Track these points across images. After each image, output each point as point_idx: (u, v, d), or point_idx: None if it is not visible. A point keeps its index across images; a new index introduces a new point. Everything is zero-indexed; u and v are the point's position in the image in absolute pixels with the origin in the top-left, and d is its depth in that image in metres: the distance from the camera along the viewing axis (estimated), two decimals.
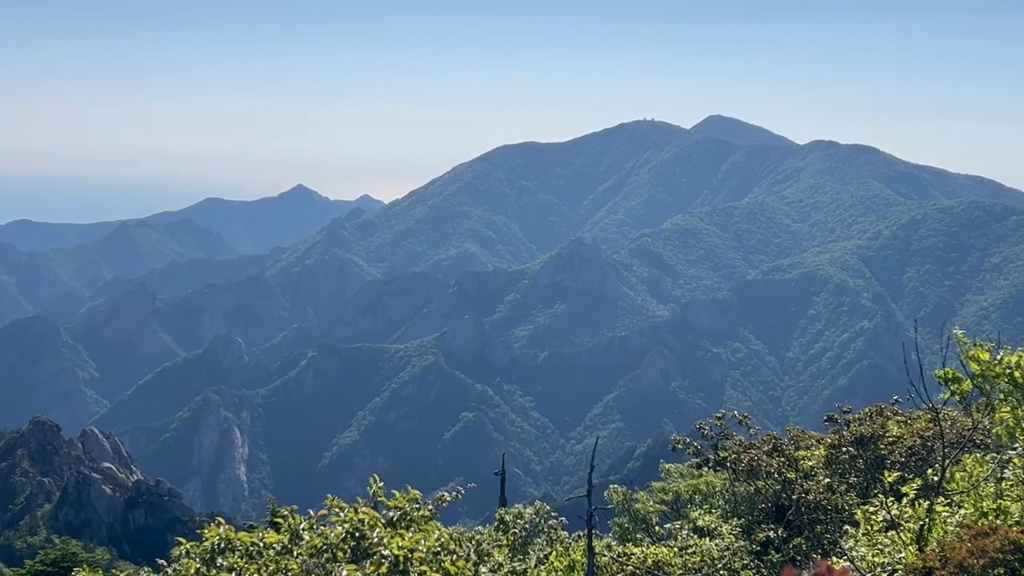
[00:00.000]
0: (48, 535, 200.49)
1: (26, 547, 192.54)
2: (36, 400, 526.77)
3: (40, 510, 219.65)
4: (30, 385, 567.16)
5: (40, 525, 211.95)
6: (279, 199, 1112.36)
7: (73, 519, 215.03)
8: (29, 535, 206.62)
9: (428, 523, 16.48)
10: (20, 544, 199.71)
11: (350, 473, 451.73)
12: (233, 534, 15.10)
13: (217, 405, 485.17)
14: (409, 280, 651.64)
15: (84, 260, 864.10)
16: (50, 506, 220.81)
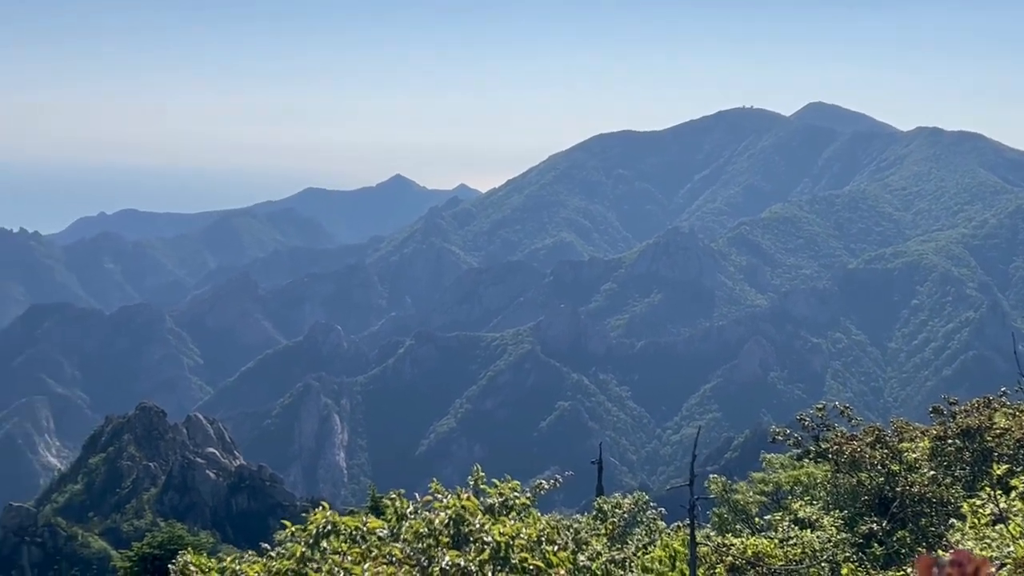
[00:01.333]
0: (154, 518, 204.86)
1: (133, 530, 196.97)
2: (142, 386, 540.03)
3: (146, 494, 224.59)
4: (136, 371, 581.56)
5: (146, 509, 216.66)
6: (377, 189, 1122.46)
7: (178, 503, 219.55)
8: (135, 518, 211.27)
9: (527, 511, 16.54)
10: (127, 527, 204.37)
11: (447, 461, 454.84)
12: (338, 518, 15.32)
13: (317, 392, 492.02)
14: (505, 269, 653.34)
15: (188, 249, 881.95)
16: (156, 490, 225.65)
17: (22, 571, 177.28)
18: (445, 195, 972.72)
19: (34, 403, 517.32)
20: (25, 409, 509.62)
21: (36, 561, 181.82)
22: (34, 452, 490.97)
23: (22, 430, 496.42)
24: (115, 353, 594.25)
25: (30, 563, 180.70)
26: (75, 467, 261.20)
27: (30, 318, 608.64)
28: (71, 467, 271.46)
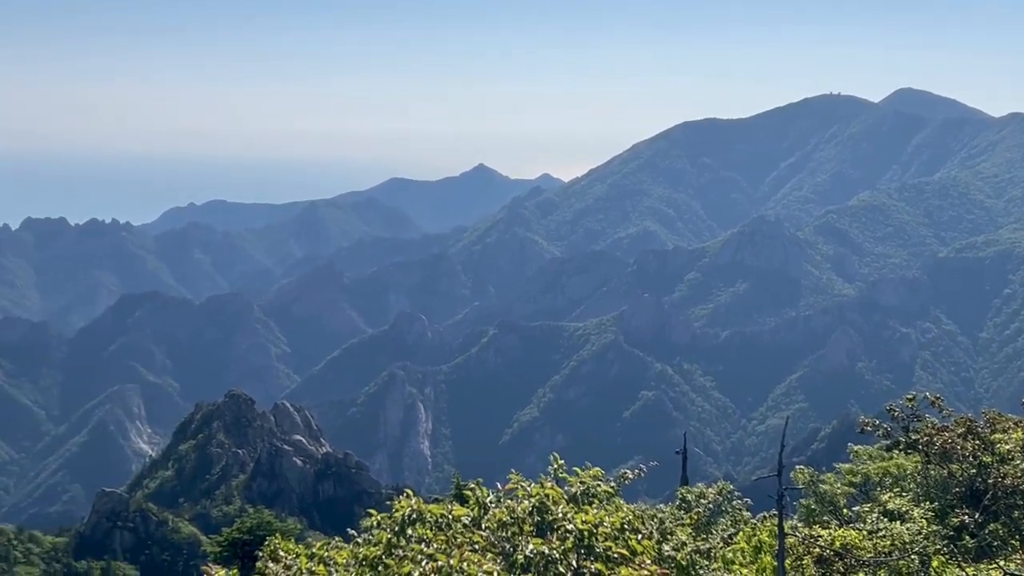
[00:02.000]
0: (242, 504, 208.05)
1: (222, 516, 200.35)
2: (231, 374, 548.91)
3: (235, 480, 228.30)
4: (225, 360, 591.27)
5: (235, 495, 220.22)
6: (461, 178, 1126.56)
7: (266, 489, 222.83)
8: (225, 504, 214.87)
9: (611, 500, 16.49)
10: (216, 513, 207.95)
11: (530, 449, 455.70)
12: (423, 506, 15.42)
13: (402, 381, 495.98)
14: (588, 259, 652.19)
15: (276, 239, 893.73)
16: (244, 476, 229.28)
17: (114, 555, 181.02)
18: (528, 184, 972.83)
19: (126, 391, 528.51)
20: (117, 397, 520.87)
21: (128, 546, 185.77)
22: (126, 439, 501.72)
23: (114, 417, 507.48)
24: (204, 342, 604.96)
25: (122, 548, 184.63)
26: (166, 454, 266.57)
27: (122, 307, 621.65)
28: (162, 454, 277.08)
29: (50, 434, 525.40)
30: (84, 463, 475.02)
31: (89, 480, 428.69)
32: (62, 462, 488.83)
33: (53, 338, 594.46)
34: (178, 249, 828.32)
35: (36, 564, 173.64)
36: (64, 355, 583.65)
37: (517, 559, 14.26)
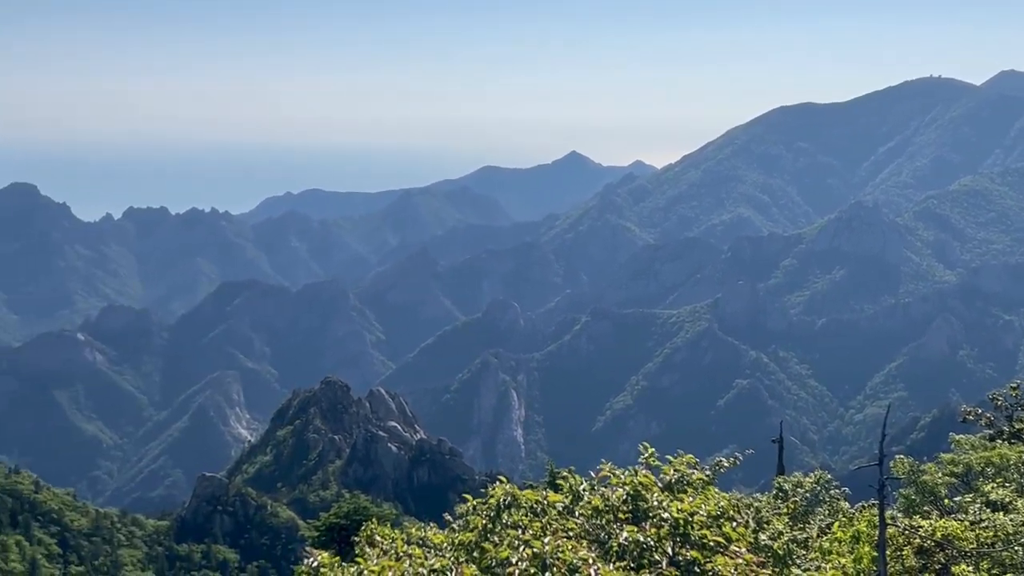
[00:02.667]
0: (339, 490, 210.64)
1: (319, 500, 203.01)
2: (327, 361, 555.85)
3: (331, 465, 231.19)
4: (322, 347, 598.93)
5: (331, 480, 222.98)
6: (553, 166, 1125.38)
7: (362, 475, 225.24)
8: (321, 489, 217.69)
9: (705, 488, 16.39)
10: (313, 498, 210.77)
11: (623, 437, 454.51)
12: (517, 492, 15.48)
13: (495, 368, 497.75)
14: (682, 245, 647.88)
15: (371, 227, 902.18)
16: (340, 462, 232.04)
17: (215, 539, 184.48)
18: (621, 171, 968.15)
19: (225, 377, 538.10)
20: (217, 383, 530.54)
21: (228, 530, 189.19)
22: (225, 424, 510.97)
23: (214, 403, 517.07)
24: (301, 329, 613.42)
25: (222, 531, 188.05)
26: (264, 439, 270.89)
27: (221, 295, 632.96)
28: (260, 439, 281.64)
29: (152, 420, 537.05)
30: (185, 448, 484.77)
31: (190, 465, 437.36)
32: (164, 447, 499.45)
33: (155, 325, 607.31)
34: (275, 237, 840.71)
35: (139, 547, 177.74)
36: (165, 342, 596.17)
37: (611, 546, 14.25)
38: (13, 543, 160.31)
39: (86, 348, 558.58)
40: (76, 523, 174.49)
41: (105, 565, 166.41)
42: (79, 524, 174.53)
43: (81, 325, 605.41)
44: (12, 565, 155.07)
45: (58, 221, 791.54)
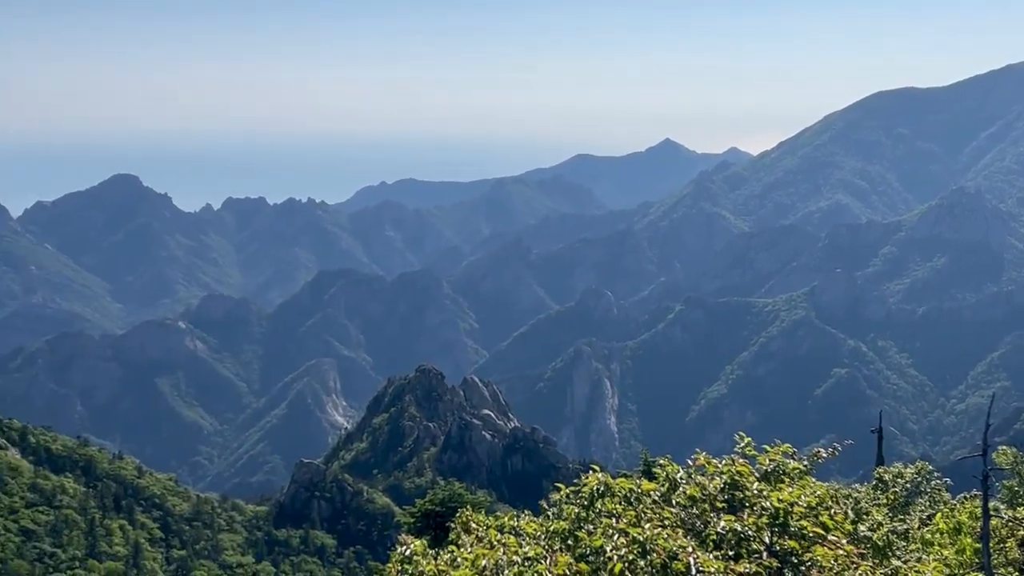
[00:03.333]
0: (433, 477, 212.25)
1: (414, 487, 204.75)
2: (421, 349, 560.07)
3: (426, 453, 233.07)
4: (416, 335, 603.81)
5: (426, 467, 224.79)
6: (646, 154, 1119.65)
7: (456, 462, 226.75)
8: (416, 476, 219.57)
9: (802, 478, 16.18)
10: (408, 484, 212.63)
11: (718, 426, 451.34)
12: (612, 481, 15.41)
13: (588, 356, 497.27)
14: (778, 233, 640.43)
15: (464, 216, 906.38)
16: (435, 449, 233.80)
17: (312, 524, 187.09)
18: (715, 159, 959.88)
19: (322, 365, 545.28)
20: (314, 370, 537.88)
21: (325, 515, 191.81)
22: (322, 411, 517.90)
23: (311, 390, 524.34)
24: (396, 317, 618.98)
25: (319, 517, 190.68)
26: (360, 426, 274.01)
27: (318, 284, 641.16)
28: (356, 426, 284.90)
29: (251, 407, 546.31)
30: (283, 435, 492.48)
31: (288, 451, 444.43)
32: (262, 433, 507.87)
33: (253, 314, 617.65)
34: (371, 227, 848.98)
35: (239, 532, 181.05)
36: (264, 330, 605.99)
37: (708, 535, 14.13)
38: (117, 527, 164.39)
39: (187, 336, 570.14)
40: (178, 508, 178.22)
41: (206, 549, 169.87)
42: (181, 509, 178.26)
43: (182, 313, 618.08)
44: (116, 548, 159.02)
45: (160, 212, 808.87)
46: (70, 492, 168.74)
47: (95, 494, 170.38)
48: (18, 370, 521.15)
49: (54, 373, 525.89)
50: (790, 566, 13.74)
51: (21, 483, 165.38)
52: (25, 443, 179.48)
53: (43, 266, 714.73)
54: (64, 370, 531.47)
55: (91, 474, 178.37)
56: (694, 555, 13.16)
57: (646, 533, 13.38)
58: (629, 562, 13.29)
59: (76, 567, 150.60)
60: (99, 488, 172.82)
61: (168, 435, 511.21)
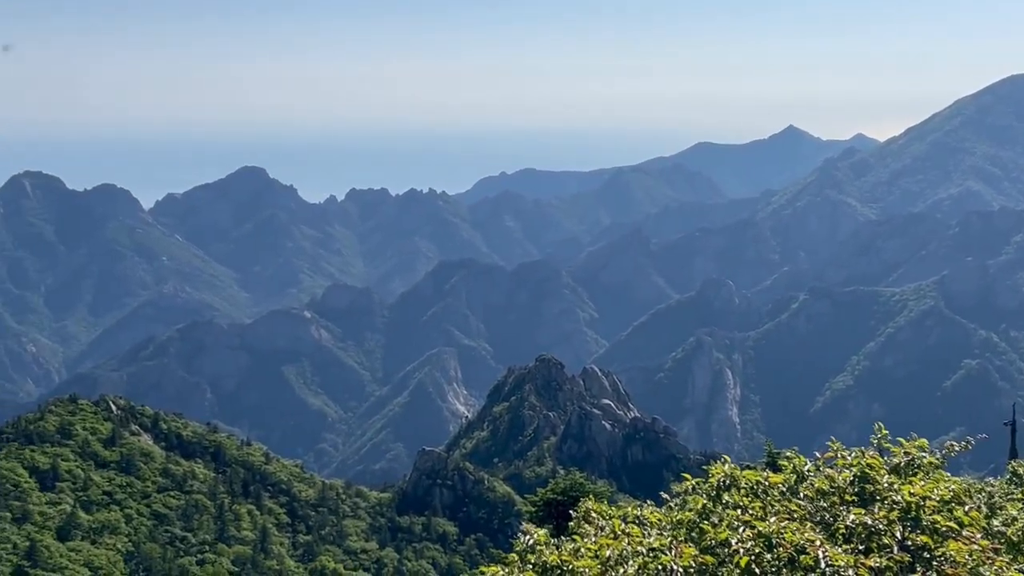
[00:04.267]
0: (553, 466, 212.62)
1: (534, 476, 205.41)
2: (541, 339, 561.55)
3: (546, 442, 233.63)
4: (536, 325, 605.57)
5: (546, 456, 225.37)
6: (769, 141, 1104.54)
7: (576, 452, 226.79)
8: (537, 465, 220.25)
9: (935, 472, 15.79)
10: (529, 473, 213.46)
11: (844, 419, 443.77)
12: (738, 472, 15.23)
13: (709, 347, 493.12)
14: (906, 221, 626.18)
15: (583, 206, 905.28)
16: (555, 439, 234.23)
17: (434, 512, 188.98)
18: (841, 145, 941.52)
19: (443, 354, 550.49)
20: (435, 360, 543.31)
21: (447, 503, 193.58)
22: (443, 400, 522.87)
23: (432, 379, 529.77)
24: (516, 307, 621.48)
25: (441, 504, 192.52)
26: (480, 415, 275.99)
27: (439, 274, 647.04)
28: (477, 415, 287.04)
29: (374, 395, 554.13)
30: (405, 423, 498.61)
31: (410, 439, 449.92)
32: (385, 421, 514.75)
33: (376, 303, 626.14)
34: (491, 217, 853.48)
35: (363, 518, 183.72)
36: (386, 320, 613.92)
37: (838, 528, 13.87)
38: (245, 512, 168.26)
39: (312, 325, 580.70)
40: (304, 494, 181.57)
41: (331, 535, 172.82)
42: (306, 495, 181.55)
43: (307, 303, 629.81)
44: (244, 533, 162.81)
45: (285, 203, 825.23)
46: (200, 477, 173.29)
47: (224, 479, 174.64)
48: (150, 358, 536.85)
49: (184, 361, 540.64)
50: (922, 561, 13.41)
51: (153, 468, 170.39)
52: (157, 429, 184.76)
53: (174, 257, 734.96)
54: (194, 358, 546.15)
55: (220, 460, 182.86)
56: (822, 548, 12.92)
57: (772, 526, 13.19)
58: (755, 555, 13.12)
59: (206, 551, 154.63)
60: (228, 474, 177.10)
61: (294, 422, 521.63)
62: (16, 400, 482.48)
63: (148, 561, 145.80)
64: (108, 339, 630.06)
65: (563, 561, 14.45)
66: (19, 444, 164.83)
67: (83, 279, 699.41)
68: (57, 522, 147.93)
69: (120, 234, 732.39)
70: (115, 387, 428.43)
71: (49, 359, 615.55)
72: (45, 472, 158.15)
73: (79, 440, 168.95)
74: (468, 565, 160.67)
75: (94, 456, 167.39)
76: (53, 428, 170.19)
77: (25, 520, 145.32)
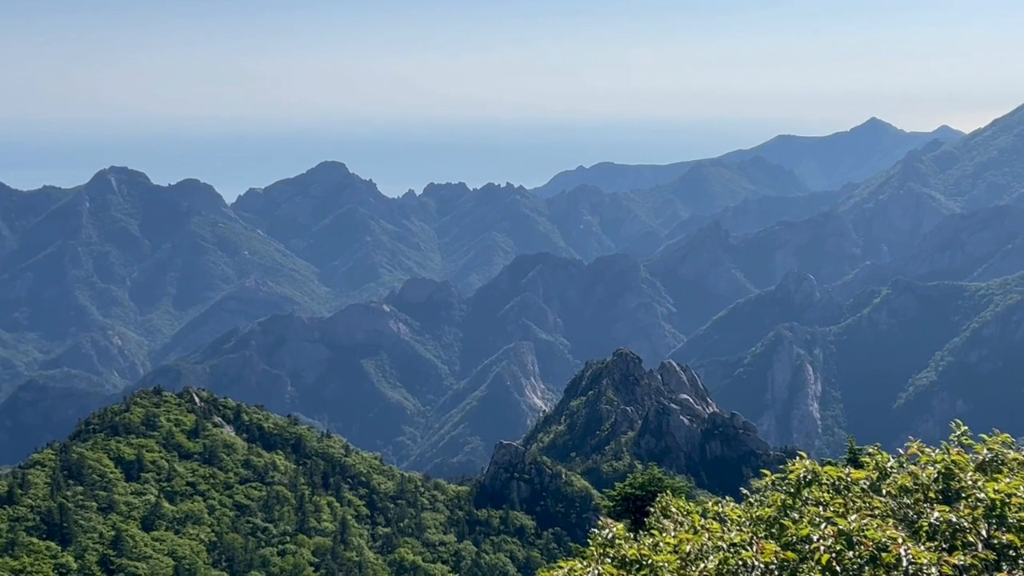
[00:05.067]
0: (631, 461, 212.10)
1: (612, 471, 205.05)
2: (618, 333, 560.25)
3: (624, 437, 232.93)
4: (613, 319, 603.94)
5: (624, 451, 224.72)
6: (851, 134, 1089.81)
7: (653, 447, 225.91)
8: (614, 460, 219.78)
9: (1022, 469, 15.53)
10: (606, 468, 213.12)
11: (927, 415, 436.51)
12: (818, 468, 15.14)
13: (789, 342, 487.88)
14: (991, 214, 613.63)
15: (661, 200, 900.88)
16: (632, 433, 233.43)
17: (512, 505, 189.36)
18: (924, 138, 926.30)
19: (521, 348, 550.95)
20: (513, 353, 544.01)
21: (524, 496, 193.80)
22: (521, 394, 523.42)
23: (510, 373, 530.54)
24: (593, 301, 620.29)
25: (519, 498, 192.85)
26: (558, 409, 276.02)
27: (516, 268, 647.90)
28: (554, 409, 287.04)
29: (452, 388, 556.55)
30: (483, 416, 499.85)
31: (487, 432, 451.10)
32: (463, 415, 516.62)
33: (454, 297, 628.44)
34: (568, 211, 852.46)
35: (441, 511, 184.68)
36: (464, 314, 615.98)
37: (921, 526, 13.72)
38: (326, 504, 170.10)
39: (391, 319, 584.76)
40: (383, 486, 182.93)
41: (410, 527, 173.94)
42: (385, 487, 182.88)
43: (386, 297, 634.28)
44: (325, 524, 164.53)
45: (364, 198, 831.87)
46: (281, 469, 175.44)
47: (305, 471, 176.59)
48: (232, 351, 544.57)
49: (266, 354, 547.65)
50: (1008, 559, 13.22)
51: (235, 459, 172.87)
52: (239, 421, 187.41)
53: (255, 251, 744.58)
54: (275, 351, 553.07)
55: (301, 452, 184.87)
56: (904, 546, 12.80)
57: (853, 524, 13.08)
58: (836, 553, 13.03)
59: (287, 542, 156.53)
60: (308, 465, 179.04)
61: (373, 415, 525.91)
62: (102, 392, 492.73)
63: (230, 551, 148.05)
64: (191, 332, 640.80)
65: (642, 555, 14.46)
66: (105, 435, 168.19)
67: (167, 273, 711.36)
68: (142, 512, 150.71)
69: (203, 228, 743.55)
70: (198, 379, 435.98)
71: (134, 352, 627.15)
72: (130, 463, 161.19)
73: (163, 431, 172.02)
74: (545, 559, 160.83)
75: (178, 447, 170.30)
76: (138, 420, 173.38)
77: (111, 510, 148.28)
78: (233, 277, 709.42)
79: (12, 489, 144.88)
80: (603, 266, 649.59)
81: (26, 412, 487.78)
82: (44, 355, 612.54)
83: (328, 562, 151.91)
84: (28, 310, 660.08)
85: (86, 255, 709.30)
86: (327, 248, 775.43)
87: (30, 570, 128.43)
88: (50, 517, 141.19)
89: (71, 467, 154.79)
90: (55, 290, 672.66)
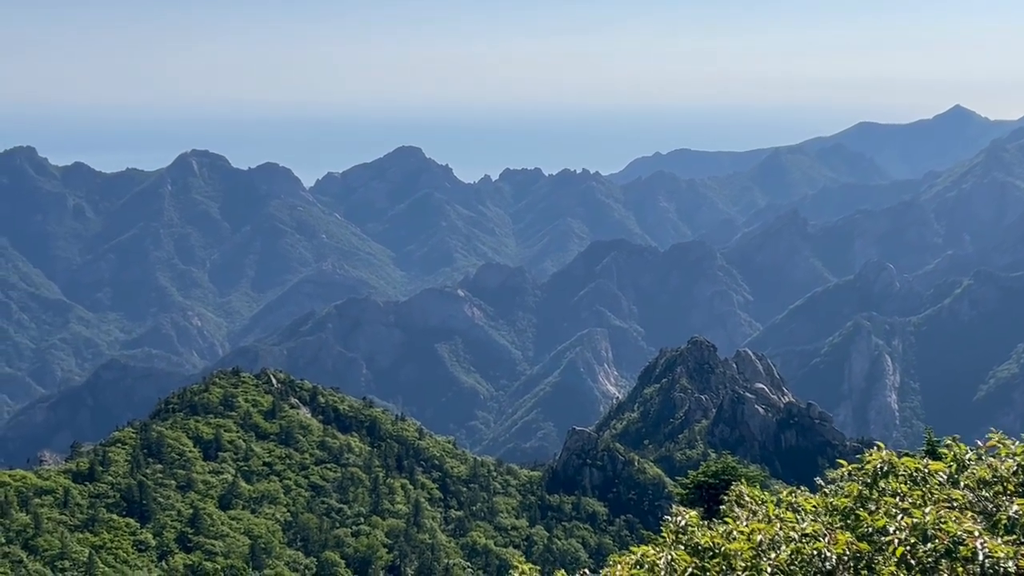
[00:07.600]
0: (704, 449, 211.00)
1: (685, 459, 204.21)
2: (693, 320, 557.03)
3: (697, 425, 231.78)
4: (688, 306, 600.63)
5: (697, 439, 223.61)
6: (934, 121, 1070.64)
7: (728, 435, 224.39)
8: (687, 448, 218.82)
9: None
10: (679, 456, 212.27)
11: (1008, 408, 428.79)
12: (895, 459, 14.97)
13: (868, 332, 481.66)
14: None
15: (738, 187, 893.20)
16: (706, 422, 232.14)
17: (584, 492, 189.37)
18: (1010, 126, 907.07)
19: (595, 334, 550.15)
20: (587, 340, 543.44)
21: (596, 483, 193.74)
22: (594, 380, 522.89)
23: (583, 359, 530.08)
24: (668, 288, 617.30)
25: (591, 484, 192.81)
26: (631, 396, 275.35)
27: (591, 254, 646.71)
28: (628, 396, 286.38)
29: (525, 374, 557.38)
30: (556, 402, 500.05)
31: (560, 418, 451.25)
32: (536, 400, 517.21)
33: (528, 283, 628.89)
34: (644, 197, 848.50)
35: (513, 495, 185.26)
36: (538, 299, 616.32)
37: (1000, 519, 13.52)
38: (399, 486, 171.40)
39: (465, 304, 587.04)
40: (455, 470, 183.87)
41: (482, 511, 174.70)
42: (458, 471, 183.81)
43: (461, 282, 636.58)
44: (398, 507, 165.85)
45: (440, 182, 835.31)
46: (356, 451, 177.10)
47: (379, 453, 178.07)
48: (309, 333, 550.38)
49: (342, 337, 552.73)
50: None
51: (311, 441, 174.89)
52: (315, 403, 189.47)
53: (333, 235, 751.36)
54: (351, 334, 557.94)
55: (375, 434, 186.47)
56: (981, 539, 12.63)
57: (929, 516, 12.94)
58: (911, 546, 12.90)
59: (361, 523, 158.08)
60: (383, 448, 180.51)
61: (447, 399, 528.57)
62: (182, 372, 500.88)
63: (305, 531, 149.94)
64: (269, 314, 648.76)
65: (715, 543, 14.42)
66: (184, 415, 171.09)
67: (246, 255, 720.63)
68: (219, 491, 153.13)
69: (282, 212, 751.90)
70: (275, 361, 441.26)
71: (213, 332, 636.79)
72: (209, 442, 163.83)
73: (241, 412, 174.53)
74: (617, 545, 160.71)
75: (255, 428, 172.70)
76: (216, 400, 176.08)
77: (189, 488, 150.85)
78: (311, 260, 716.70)
79: (93, 466, 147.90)
80: (679, 253, 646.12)
81: (107, 391, 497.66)
82: (125, 335, 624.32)
83: (401, 544, 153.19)
84: (110, 291, 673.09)
85: (167, 237, 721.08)
86: (403, 232, 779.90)
87: (110, 546, 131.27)
88: (130, 494, 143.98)
89: (151, 445, 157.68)
90: (137, 271, 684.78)
